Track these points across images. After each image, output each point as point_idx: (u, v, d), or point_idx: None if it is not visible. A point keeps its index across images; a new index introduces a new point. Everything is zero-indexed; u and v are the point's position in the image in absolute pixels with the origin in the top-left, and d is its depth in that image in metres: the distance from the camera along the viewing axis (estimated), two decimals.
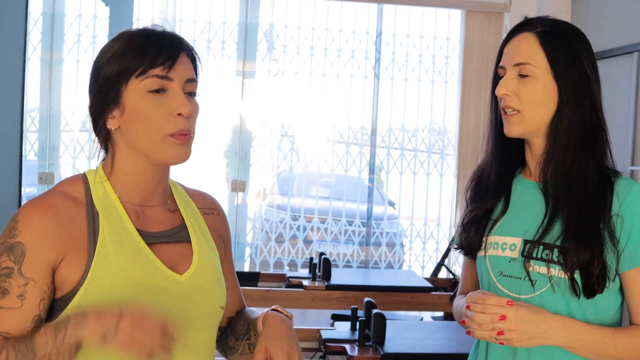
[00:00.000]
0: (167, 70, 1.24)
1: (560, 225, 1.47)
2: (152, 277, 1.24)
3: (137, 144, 1.26)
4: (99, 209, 1.26)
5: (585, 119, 1.49)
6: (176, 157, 1.27)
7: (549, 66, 1.48)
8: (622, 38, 4.22)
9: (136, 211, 1.30)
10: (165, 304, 1.24)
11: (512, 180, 1.60)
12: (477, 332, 1.42)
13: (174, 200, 1.38)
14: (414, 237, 5.74)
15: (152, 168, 1.30)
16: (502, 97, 1.51)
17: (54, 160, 5.19)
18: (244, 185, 5.44)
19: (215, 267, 1.35)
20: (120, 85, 1.24)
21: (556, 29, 1.51)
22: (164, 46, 1.25)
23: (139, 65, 1.23)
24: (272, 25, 5.55)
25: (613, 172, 1.51)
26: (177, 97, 1.24)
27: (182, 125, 1.24)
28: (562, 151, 1.49)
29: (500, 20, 5.27)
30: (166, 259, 1.28)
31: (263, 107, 5.63)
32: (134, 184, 1.30)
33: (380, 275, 4.87)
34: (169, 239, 1.31)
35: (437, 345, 2.89)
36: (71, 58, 5.25)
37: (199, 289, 1.29)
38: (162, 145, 1.25)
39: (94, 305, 1.17)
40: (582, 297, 1.45)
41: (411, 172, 5.65)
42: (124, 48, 1.24)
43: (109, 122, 1.26)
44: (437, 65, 5.60)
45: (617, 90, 4.20)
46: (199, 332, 1.30)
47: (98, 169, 1.32)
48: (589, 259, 1.43)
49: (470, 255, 1.63)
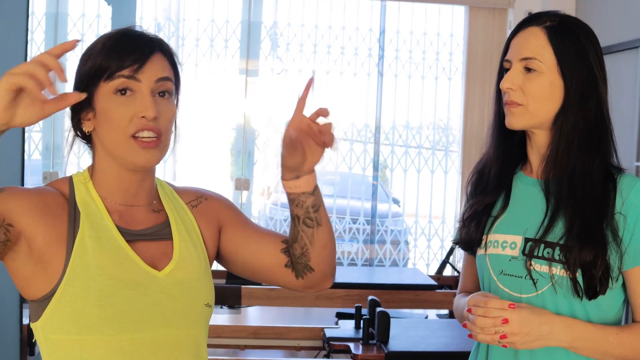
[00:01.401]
0: (135, 71, 1.22)
1: (562, 224, 1.46)
2: (129, 272, 1.23)
3: (107, 146, 1.26)
4: (80, 207, 1.26)
5: (591, 118, 1.47)
6: (140, 161, 1.24)
7: (556, 62, 1.46)
8: (626, 33, 4.20)
9: (120, 211, 1.29)
10: (144, 299, 1.23)
11: (513, 176, 1.59)
12: (479, 336, 1.40)
13: (160, 200, 1.36)
14: (418, 234, 5.73)
15: (129, 171, 1.29)
16: (507, 91, 1.49)
17: (59, 159, 5.20)
18: (248, 183, 5.43)
19: (197, 263, 1.33)
20: (92, 88, 1.24)
21: (565, 26, 1.49)
22: (135, 47, 1.24)
23: (107, 67, 1.22)
24: (275, 23, 5.53)
25: (616, 169, 1.50)
26: (143, 99, 1.22)
27: (143, 125, 1.22)
28: (566, 149, 1.47)
29: (504, 16, 5.24)
30: (146, 256, 1.27)
31: (267, 105, 5.62)
32: (114, 185, 1.29)
33: (384, 273, 4.86)
34: (151, 236, 1.30)
35: (442, 343, 2.88)
36: (74, 57, 5.24)
37: (178, 284, 1.28)
38: (126, 147, 1.24)
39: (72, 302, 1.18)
40: (584, 298, 1.43)
41: (415, 170, 5.64)
42: (98, 49, 1.25)
43: (84, 125, 1.27)
44: (440, 62, 5.59)
45: (621, 86, 4.18)
46: (181, 329, 1.28)
47: (84, 171, 1.33)
48: (592, 259, 1.41)
49: (470, 251, 1.62)
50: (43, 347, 1.24)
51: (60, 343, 1.21)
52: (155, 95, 1.25)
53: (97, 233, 1.24)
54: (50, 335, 1.22)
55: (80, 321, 1.19)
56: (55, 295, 1.20)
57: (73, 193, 1.28)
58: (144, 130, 1.23)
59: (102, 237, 1.24)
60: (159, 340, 1.24)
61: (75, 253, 1.22)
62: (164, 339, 1.25)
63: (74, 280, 1.20)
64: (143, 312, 1.22)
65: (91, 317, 1.19)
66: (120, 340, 1.21)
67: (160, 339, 1.24)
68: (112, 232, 1.26)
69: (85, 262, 1.21)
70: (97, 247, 1.23)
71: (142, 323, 1.22)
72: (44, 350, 1.24)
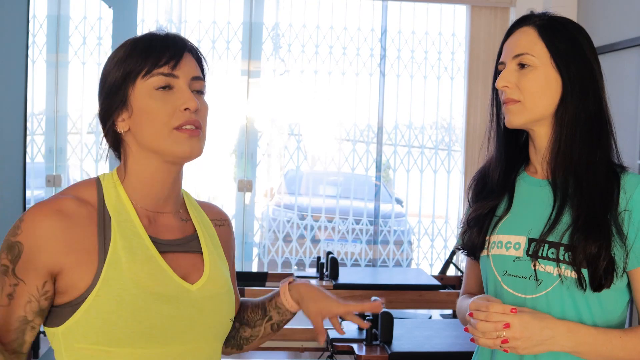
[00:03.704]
0: (172, 68, 1.24)
1: (567, 220, 1.45)
2: (163, 286, 1.23)
3: (146, 142, 1.25)
4: (111, 214, 1.25)
5: (591, 109, 1.47)
6: (185, 150, 1.25)
7: (549, 56, 1.47)
8: (628, 31, 4.19)
9: (149, 217, 1.29)
10: (175, 314, 1.23)
11: (516, 178, 1.58)
12: (481, 340, 1.39)
13: (186, 209, 1.37)
14: (421, 234, 5.72)
15: (165, 169, 1.28)
16: (503, 89, 1.49)
17: (62, 162, 5.20)
18: (251, 185, 5.43)
19: (226, 278, 1.34)
20: (127, 87, 1.24)
21: (555, 22, 1.50)
22: (167, 46, 1.25)
23: (144, 65, 1.24)
24: (277, 24, 5.54)
25: (620, 167, 1.49)
26: (183, 93, 1.24)
27: (187, 117, 1.24)
28: (569, 142, 1.47)
29: (506, 15, 5.24)
30: (177, 268, 1.27)
31: (269, 107, 5.62)
32: (147, 187, 1.28)
33: (388, 273, 4.85)
34: (181, 247, 1.30)
35: (445, 344, 2.87)
36: (77, 60, 5.26)
37: (209, 299, 1.28)
38: (169, 139, 1.24)
39: (104, 313, 1.17)
40: (588, 291, 1.42)
41: (418, 169, 5.64)
42: (128, 52, 1.25)
43: (118, 126, 1.26)
44: (443, 61, 5.58)
45: (623, 84, 4.17)
46: (207, 343, 1.29)
47: (112, 173, 1.31)
48: (597, 252, 1.40)
49: (473, 256, 1.61)
50: (63, 354, 1.22)
51: (85, 352, 1.20)
52: (193, 92, 1.27)
53: (130, 242, 1.23)
54: (73, 343, 1.20)
55: (111, 333, 1.18)
56: (84, 304, 1.19)
57: (102, 198, 1.26)
58: (187, 124, 1.24)
59: (134, 246, 1.23)
60: (187, 353, 1.25)
61: (109, 263, 1.20)
62: (191, 352, 1.26)
63: (108, 292, 1.18)
64: (174, 327, 1.23)
65: (124, 331, 1.18)
66: (150, 353, 1.21)
67: (188, 352, 1.25)
68: (144, 242, 1.25)
69: (119, 274, 1.20)
70: (130, 257, 1.22)
71: (173, 337, 1.23)
72: (64, 357, 1.22)
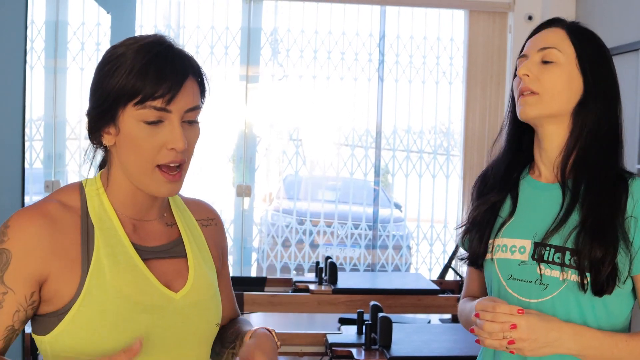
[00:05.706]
0: (167, 102, 1.18)
1: (574, 222, 1.44)
2: (146, 295, 1.22)
3: (129, 170, 1.23)
4: (94, 221, 1.24)
5: (612, 117, 1.49)
6: (162, 192, 1.23)
7: (575, 56, 1.47)
8: (627, 35, 4.19)
9: (133, 224, 1.28)
10: (159, 323, 1.22)
11: (520, 179, 1.57)
12: (487, 341, 1.38)
13: (171, 213, 1.36)
14: (420, 239, 5.72)
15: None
16: (523, 77, 1.48)
17: (60, 168, 5.20)
18: (250, 190, 5.43)
19: (210, 283, 1.33)
20: (117, 107, 1.20)
21: (584, 29, 1.52)
22: (167, 73, 1.19)
23: (138, 92, 1.17)
24: (276, 29, 5.54)
25: (627, 173, 1.50)
26: (173, 130, 1.19)
27: (173, 158, 1.21)
28: (587, 146, 1.47)
29: (505, 20, 5.24)
30: (161, 275, 1.26)
31: (267, 112, 5.63)
32: (130, 198, 1.27)
33: (387, 278, 4.85)
34: (165, 254, 1.29)
35: (444, 348, 2.87)
36: (75, 66, 5.27)
37: (193, 306, 1.27)
38: (149, 177, 1.22)
39: (88, 323, 1.16)
40: (593, 296, 1.42)
41: (417, 174, 5.63)
42: (128, 65, 1.19)
43: (104, 138, 1.24)
44: (441, 66, 5.59)
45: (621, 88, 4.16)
46: (192, 350, 1.28)
47: (96, 179, 1.29)
48: (602, 257, 1.39)
49: (475, 265, 1.60)
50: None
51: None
52: (184, 123, 1.22)
53: (113, 250, 1.22)
54: (60, 352, 1.20)
55: (94, 344, 1.17)
56: (68, 315, 1.18)
57: (85, 205, 1.25)
58: (171, 163, 1.21)
59: (117, 254, 1.22)
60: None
61: (92, 273, 1.19)
62: (177, 359, 1.26)
63: (91, 302, 1.18)
64: (158, 336, 1.22)
65: (108, 341, 1.17)
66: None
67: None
68: (127, 250, 1.24)
69: (101, 283, 1.19)
70: (113, 266, 1.21)
71: (157, 346, 1.22)
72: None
